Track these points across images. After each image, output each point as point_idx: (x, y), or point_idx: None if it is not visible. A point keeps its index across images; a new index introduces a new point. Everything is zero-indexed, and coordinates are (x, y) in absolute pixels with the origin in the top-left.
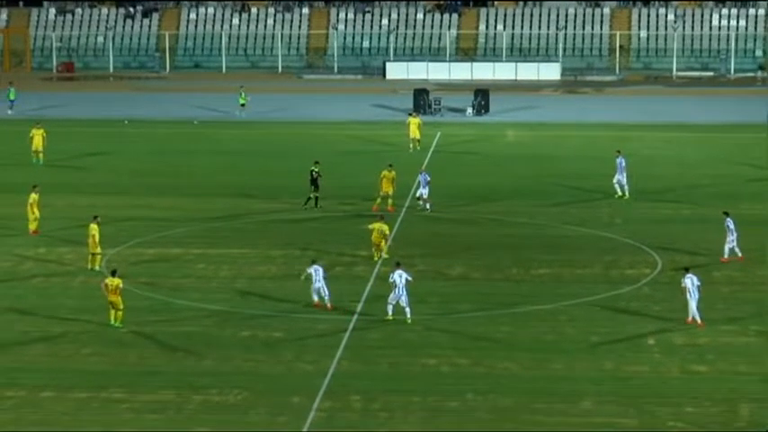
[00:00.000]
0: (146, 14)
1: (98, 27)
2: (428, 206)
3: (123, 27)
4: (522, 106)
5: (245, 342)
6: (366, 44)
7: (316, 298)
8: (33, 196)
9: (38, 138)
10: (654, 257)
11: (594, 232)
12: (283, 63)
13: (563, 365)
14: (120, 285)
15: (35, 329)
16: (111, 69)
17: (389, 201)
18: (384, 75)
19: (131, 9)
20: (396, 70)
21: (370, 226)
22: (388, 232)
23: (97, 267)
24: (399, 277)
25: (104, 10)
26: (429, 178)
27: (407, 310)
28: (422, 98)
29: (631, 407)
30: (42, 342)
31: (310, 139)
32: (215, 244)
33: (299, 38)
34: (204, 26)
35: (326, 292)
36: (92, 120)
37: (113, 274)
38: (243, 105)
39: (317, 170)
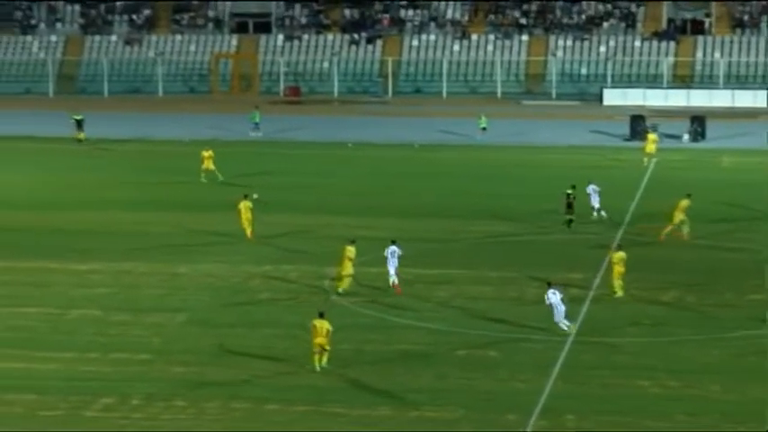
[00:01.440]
0: (370, 41)
1: (324, 53)
2: (603, 213)
3: (348, 53)
4: (737, 133)
5: (460, 360)
6: (584, 71)
7: (394, 277)
8: (246, 203)
9: (208, 159)
10: None
11: None
12: (502, 89)
13: None
14: (330, 329)
15: (261, 345)
16: (336, 94)
17: (685, 229)
18: (601, 101)
19: (356, 36)
20: (613, 96)
21: (612, 254)
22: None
23: (346, 288)
24: (554, 295)
25: (330, 36)
26: (598, 188)
27: (564, 323)
28: (638, 124)
29: None
30: (267, 357)
31: (531, 163)
32: (432, 264)
33: (517, 64)
34: (426, 52)
35: (392, 274)
36: (317, 142)
37: (321, 316)
38: (484, 129)
39: (572, 194)
